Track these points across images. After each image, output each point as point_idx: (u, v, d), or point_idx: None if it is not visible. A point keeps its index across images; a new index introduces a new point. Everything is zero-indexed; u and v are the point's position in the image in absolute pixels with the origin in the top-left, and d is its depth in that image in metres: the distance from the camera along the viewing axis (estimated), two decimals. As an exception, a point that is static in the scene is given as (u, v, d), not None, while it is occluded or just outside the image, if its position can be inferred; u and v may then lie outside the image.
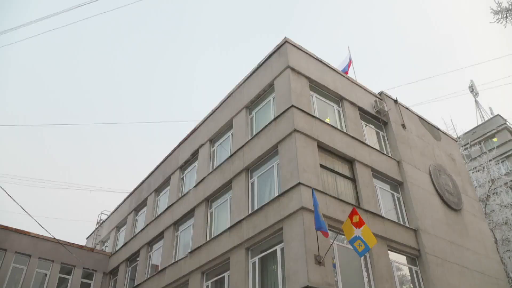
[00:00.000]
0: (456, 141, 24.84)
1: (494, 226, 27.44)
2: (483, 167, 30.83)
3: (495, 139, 39.69)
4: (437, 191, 18.66)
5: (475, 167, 31.41)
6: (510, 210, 28.56)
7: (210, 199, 18.65)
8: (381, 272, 14.02)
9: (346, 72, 20.91)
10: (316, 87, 17.35)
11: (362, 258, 13.92)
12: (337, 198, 14.37)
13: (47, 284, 24.06)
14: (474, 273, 17.39)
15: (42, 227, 15.65)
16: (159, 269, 20.38)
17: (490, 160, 31.58)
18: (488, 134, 40.21)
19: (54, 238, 20.97)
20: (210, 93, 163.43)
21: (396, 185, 17.55)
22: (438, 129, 22.63)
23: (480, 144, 38.07)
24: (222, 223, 17.23)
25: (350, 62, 21.50)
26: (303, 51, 17.59)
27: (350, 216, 12.30)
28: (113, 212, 30.22)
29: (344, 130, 16.97)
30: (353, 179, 15.95)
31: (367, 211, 14.97)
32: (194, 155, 21.50)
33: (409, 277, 15.46)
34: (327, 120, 16.85)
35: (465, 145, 33.07)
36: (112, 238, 28.67)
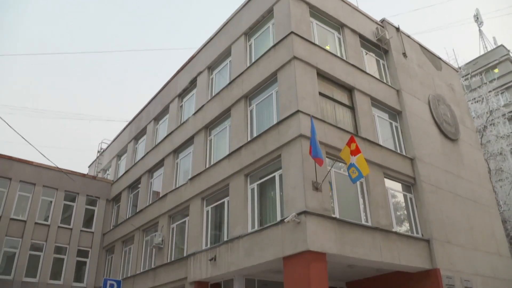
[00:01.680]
0: (457, 71, 24.56)
1: (489, 156, 27.86)
2: (483, 98, 30.76)
3: (496, 70, 39.25)
4: (435, 121, 18.73)
5: (474, 98, 31.33)
6: (506, 141, 28.90)
7: (209, 127, 18.74)
8: (377, 198, 14.41)
9: None
10: (316, 13, 16.85)
11: (358, 185, 14.27)
12: (335, 126, 14.44)
13: (53, 211, 24.88)
14: (467, 201, 17.88)
15: (44, 156, 15.87)
16: (160, 196, 20.91)
17: (490, 91, 31.44)
18: (490, 65, 39.68)
19: (57, 167, 21.31)
20: (211, 20, 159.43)
21: (395, 114, 17.57)
22: (440, 58, 22.29)
23: (481, 75, 37.64)
24: (222, 150, 17.43)
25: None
26: (304, -25, 16.89)
27: (348, 144, 12.43)
28: (113, 141, 30.51)
29: (344, 58, 16.71)
30: (352, 108, 15.95)
31: (365, 139, 15.11)
32: (193, 83, 21.33)
33: (404, 204, 15.90)
34: (327, 48, 16.55)
35: (465, 75, 32.74)
36: (113, 166, 29.16)
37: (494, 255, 17.58)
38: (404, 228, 15.32)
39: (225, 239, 15.26)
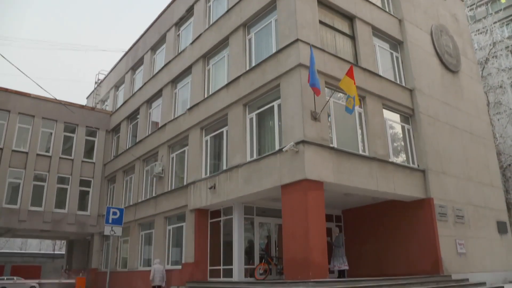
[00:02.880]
0: (462, 1, 23.84)
1: (488, 89, 27.72)
2: (487, 30, 30.06)
3: (503, 0, 37.97)
4: (436, 52, 18.44)
5: (478, 29, 30.62)
6: (507, 74, 28.61)
7: (207, 56, 18.43)
8: (375, 129, 14.51)
9: None
10: None
11: (357, 115, 14.33)
12: (335, 56, 14.21)
13: (54, 142, 25.12)
14: (464, 133, 18.04)
15: (41, 88, 15.59)
16: (159, 126, 21.00)
17: (495, 22, 30.65)
18: (497, -5, 38.36)
19: (55, 99, 21.18)
20: None
21: (396, 44, 17.24)
22: (445, -13, 21.54)
23: (487, 5, 36.51)
24: (220, 80, 17.27)
25: None
26: None
27: (348, 74, 12.27)
28: (111, 71, 30.15)
29: (346, -15, 16.12)
30: (352, 37, 15.61)
31: (365, 69, 14.94)
32: (190, 11, 20.71)
33: (401, 135, 16.03)
34: (329, -26, 15.90)
35: (471, 5, 31.78)
36: (111, 97, 29.05)
37: (487, 185, 18.01)
38: (400, 158, 15.55)
39: (224, 168, 15.52)
